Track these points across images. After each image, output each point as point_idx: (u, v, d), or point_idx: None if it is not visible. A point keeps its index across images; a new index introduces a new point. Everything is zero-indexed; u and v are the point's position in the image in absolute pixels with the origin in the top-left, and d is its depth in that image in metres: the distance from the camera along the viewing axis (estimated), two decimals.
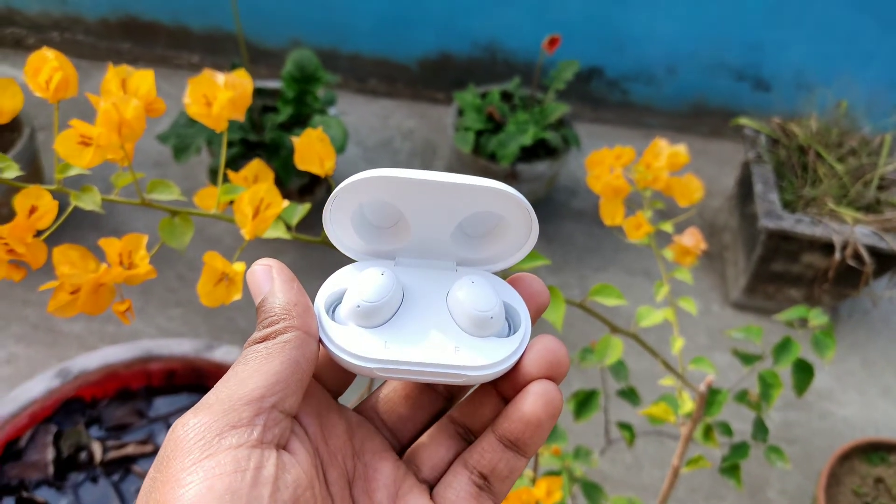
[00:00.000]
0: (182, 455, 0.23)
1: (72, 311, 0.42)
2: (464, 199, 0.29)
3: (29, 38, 2.15)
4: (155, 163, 1.79)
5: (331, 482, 0.27)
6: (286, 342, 0.26)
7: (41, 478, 0.90)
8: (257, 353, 0.26)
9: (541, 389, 0.27)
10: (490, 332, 0.28)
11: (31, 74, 0.43)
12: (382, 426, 0.31)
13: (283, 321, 0.27)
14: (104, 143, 0.42)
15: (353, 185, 0.28)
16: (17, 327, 1.42)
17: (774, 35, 1.98)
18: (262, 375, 0.25)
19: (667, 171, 0.67)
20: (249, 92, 0.49)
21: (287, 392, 0.25)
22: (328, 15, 2.05)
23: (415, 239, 0.30)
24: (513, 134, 1.66)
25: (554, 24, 1.91)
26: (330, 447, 0.28)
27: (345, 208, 0.29)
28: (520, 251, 0.31)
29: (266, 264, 0.29)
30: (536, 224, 0.29)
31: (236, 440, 0.23)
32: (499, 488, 0.28)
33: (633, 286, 1.68)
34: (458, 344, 0.28)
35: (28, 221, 0.41)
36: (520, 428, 0.27)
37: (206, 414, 0.24)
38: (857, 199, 1.57)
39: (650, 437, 1.33)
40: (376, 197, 0.29)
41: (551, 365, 0.28)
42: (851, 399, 1.51)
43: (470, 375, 0.27)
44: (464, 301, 0.29)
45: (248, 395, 0.25)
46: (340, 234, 0.30)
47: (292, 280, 0.28)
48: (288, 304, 0.27)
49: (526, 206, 0.28)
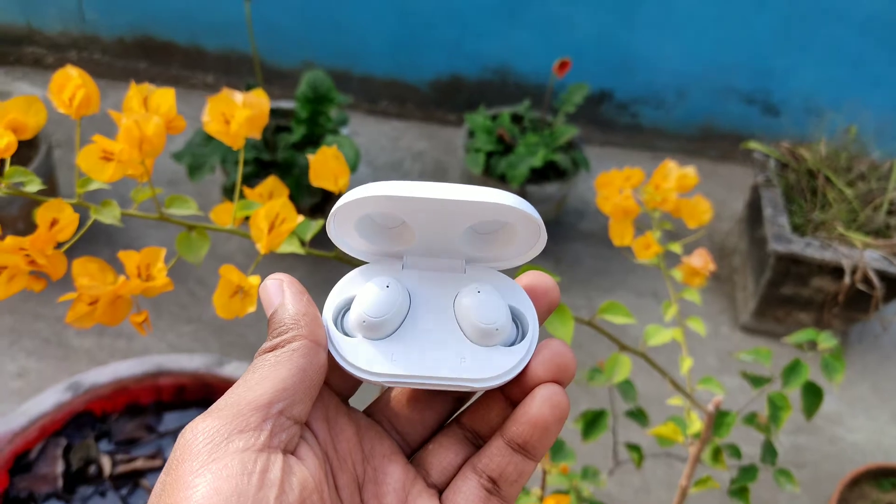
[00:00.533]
0: (191, 458, 0.24)
1: (90, 322, 0.43)
2: (470, 212, 0.29)
3: (48, 56, 2.19)
4: (169, 181, 1.81)
5: (340, 486, 0.28)
6: (294, 351, 0.27)
7: (50, 491, 0.91)
8: (266, 362, 0.27)
9: (547, 393, 0.28)
10: (496, 342, 0.29)
11: (55, 91, 0.44)
12: (391, 429, 0.31)
13: (292, 331, 0.27)
14: (125, 158, 0.44)
15: (355, 203, 0.28)
16: (28, 341, 1.43)
17: (783, 60, 1.99)
18: (271, 382, 0.26)
19: (676, 193, 0.68)
20: (266, 111, 0.50)
21: (295, 399, 0.26)
22: (341, 37, 2.08)
23: (420, 241, 0.31)
24: (523, 156, 1.67)
25: (564, 48, 1.93)
26: (339, 451, 0.28)
27: (348, 220, 0.30)
28: (529, 251, 0.31)
29: (277, 279, 0.29)
30: (544, 229, 0.30)
31: (243, 444, 0.24)
32: (508, 492, 0.29)
33: (642, 308, 1.68)
34: (464, 355, 0.29)
35: (49, 233, 0.42)
36: (527, 431, 0.28)
37: (215, 418, 0.25)
38: (866, 224, 1.57)
39: (659, 459, 1.32)
40: (379, 210, 0.29)
41: (559, 368, 0.28)
42: (861, 424, 1.49)
43: (476, 387, 0.28)
44: (470, 312, 0.29)
45: (256, 400, 0.25)
46: (346, 238, 0.31)
47: (302, 293, 0.29)
48: (297, 314, 0.28)
49: (534, 215, 0.28)
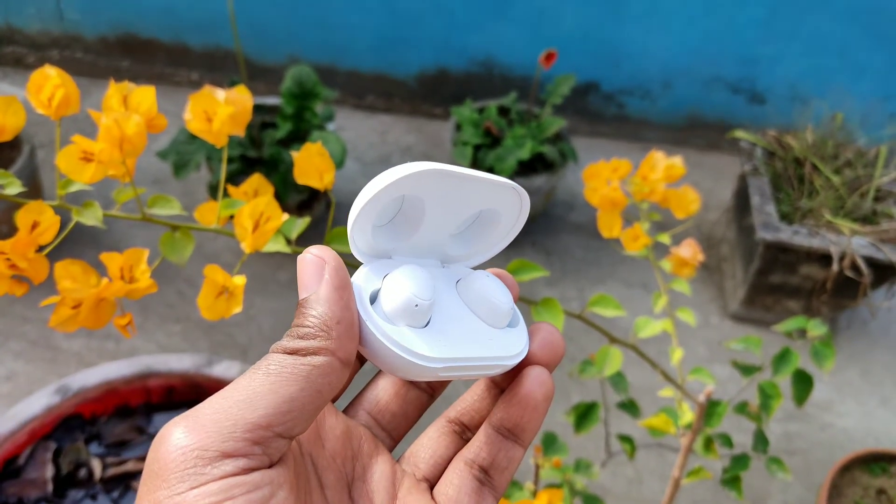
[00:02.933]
0: (170, 482, 0.21)
1: (73, 326, 0.43)
2: (481, 193, 0.30)
3: (29, 56, 2.16)
4: (154, 180, 1.80)
5: (327, 486, 0.27)
6: (315, 367, 0.23)
7: (40, 495, 0.90)
8: (280, 368, 0.23)
9: (535, 373, 0.28)
10: (505, 323, 0.30)
11: (33, 92, 0.43)
12: (376, 426, 0.31)
13: (319, 339, 0.24)
14: (106, 158, 0.43)
15: (403, 180, 0.26)
16: (16, 344, 1.42)
17: (768, 49, 2.00)
18: (276, 399, 0.23)
19: (663, 183, 0.68)
20: (249, 108, 0.49)
21: (298, 420, 0.23)
22: (326, 32, 2.07)
23: (420, 238, 0.30)
24: (510, 148, 1.67)
25: (550, 40, 1.93)
26: (327, 451, 0.28)
27: (375, 206, 0.27)
28: (495, 248, 0.33)
29: (320, 256, 0.25)
30: (521, 225, 0.31)
31: (230, 468, 0.22)
32: (499, 481, 0.29)
33: (632, 299, 1.69)
34: (490, 336, 0.29)
35: (30, 237, 0.41)
36: (517, 413, 0.28)
37: (200, 434, 0.22)
38: (853, 211, 1.58)
39: (651, 450, 1.33)
40: (411, 192, 0.28)
41: (553, 348, 0.29)
42: (851, 410, 1.50)
43: (506, 364, 0.28)
44: (486, 294, 0.30)
45: (253, 421, 0.22)
46: (359, 233, 0.28)
47: (343, 288, 0.25)
48: (330, 319, 0.24)
49: (525, 205, 0.30)
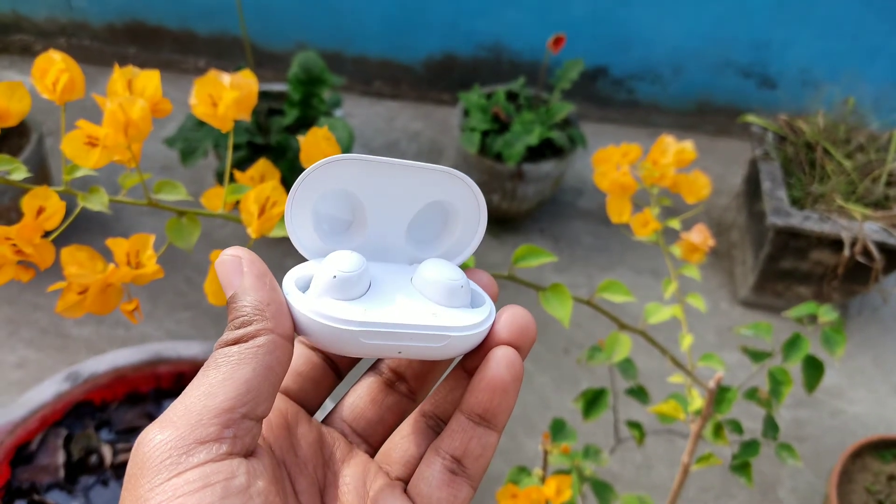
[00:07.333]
0: (149, 475, 0.22)
1: (80, 312, 0.42)
2: (420, 184, 0.30)
3: (36, 44, 2.16)
4: (162, 167, 1.80)
5: (300, 491, 0.27)
6: (259, 346, 0.25)
7: (52, 481, 0.91)
8: (228, 359, 0.25)
9: (501, 353, 0.27)
10: (462, 304, 0.29)
11: (38, 76, 0.43)
12: (352, 434, 0.30)
13: (256, 323, 0.25)
14: (111, 143, 0.43)
15: (321, 170, 0.28)
16: (27, 331, 1.43)
17: (780, 32, 1.97)
18: (233, 384, 0.24)
19: (674, 168, 0.67)
20: (255, 92, 0.49)
21: (259, 399, 0.24)
22: (333, 18, 2.06)
23: (371, 237, 0.31)
24: (519, 134, 1.66)
25: (558, 24, 1.91)
26: (299, 456, 0.28)
27: (307, 199, 0.29)
28: (468, 247, 0.32)
29: (235, 255, 0.27)
30: (485, 216, 0.31)
31: (204, 455, 0.23)
32: (473, 469, 0.28)
33: (641, 285, 1.68)
34: (435, 311, 0.28)
35: (36, 222, 0.41)
36: (487, 396, 0.27)
37: (172, 429, 0.23)
38: (865, 196, 1.56)
39: (660, 436, 1.33)
40: (337, 185, 0.29)
41: (521, 329, 0.28)
42: (862, 396, 1.50)
43: (453, 335, 0.27)
44: (434, 273, 0.29)
45: (217, 406, 0.23)
46: (300, 230, 0.30)
47: (264, 275, 0.26)
48: (260, 303, 0.26)
49: (476, 191, 0.31)
